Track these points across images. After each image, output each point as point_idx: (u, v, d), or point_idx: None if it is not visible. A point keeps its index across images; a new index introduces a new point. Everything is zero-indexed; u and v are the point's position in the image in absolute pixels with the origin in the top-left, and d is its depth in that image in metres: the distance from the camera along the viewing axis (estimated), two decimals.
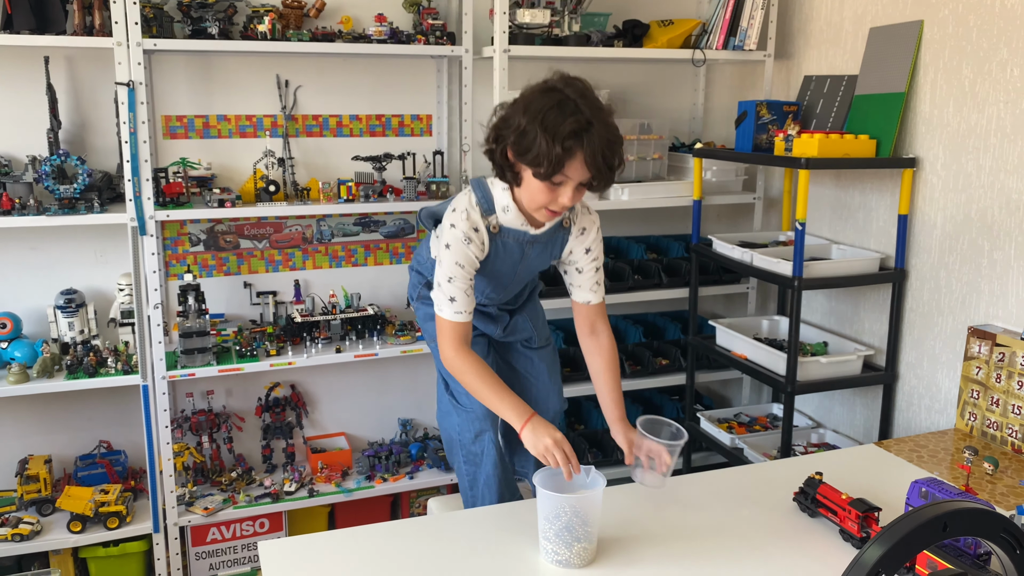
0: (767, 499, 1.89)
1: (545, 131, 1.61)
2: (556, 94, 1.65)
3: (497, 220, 1.80)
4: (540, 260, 1.92)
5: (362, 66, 3.03)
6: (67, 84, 2.72)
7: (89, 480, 2.82)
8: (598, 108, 1.65)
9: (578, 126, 1.60)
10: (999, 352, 2.25)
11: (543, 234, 1.85)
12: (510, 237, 1.83)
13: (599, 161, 1.63)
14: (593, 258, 1.91)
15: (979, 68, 2.38)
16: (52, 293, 2.78)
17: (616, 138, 1.66)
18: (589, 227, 1.90)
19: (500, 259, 1.86)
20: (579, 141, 1.61)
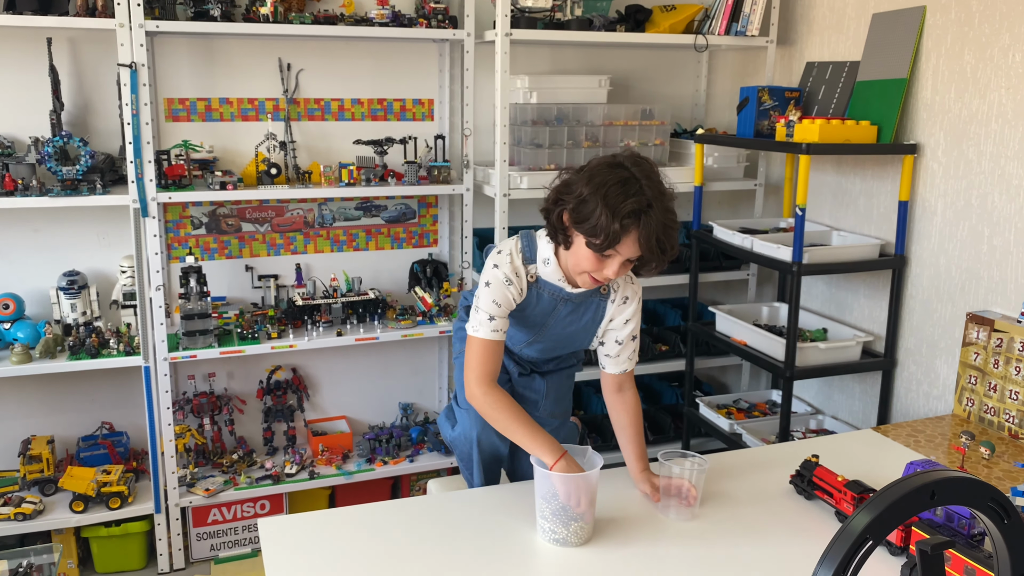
0: (764, 481, 1.90)
1: (606, 205, 1.62)
2: (622, 171, 1.66)
3: (536, 271, 1.83)
4: (571, 322, 1.88)
5: (364, 50, 3.03)
6: (70, 66, 2.73)
7: (91, 461, 2.84)
8: (660, 192, 1.65)
9: (638, 207, 1.61)
10: (997, 338, 2.25)
11: (577, 295, 1.84)
12: (545, 290, 1.84)
13: (652, 243, 1.64)
14: (631, 330, 1.88)
15: (981, 54, 2.38)
16: (55, 275, 2.79)
17: (673, 224, 1.66)
18: (631, 297, 1.87)
19: (531, 309, 1.86)
20: (637, 221, 1.62)
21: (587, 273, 1.74)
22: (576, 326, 1.88)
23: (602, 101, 3.12)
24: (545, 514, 1.61)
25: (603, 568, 1.54)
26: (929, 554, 0.77)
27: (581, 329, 1.89)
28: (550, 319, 1.88)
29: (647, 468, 1.86)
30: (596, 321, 1.89)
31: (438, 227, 3.29)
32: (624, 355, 1.91)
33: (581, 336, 1.91)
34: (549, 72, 3.24)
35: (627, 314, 1.87)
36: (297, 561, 1.55)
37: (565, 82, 3.09)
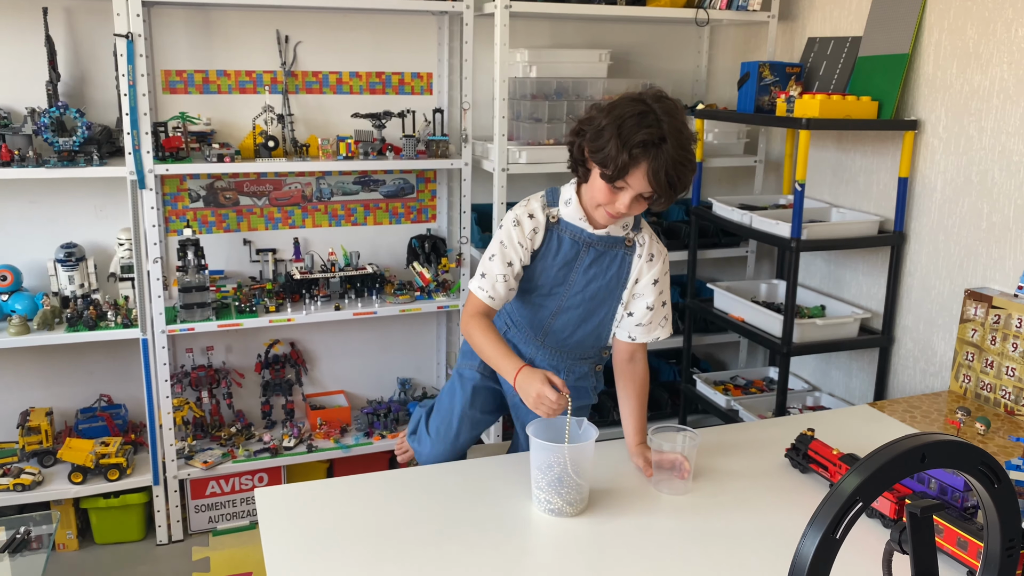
0: (760, 455, 1.91)
1: (619, 136, 1.62)
2: (643, 105, 1.65)
3: (558, 212, 1.82)
4: (595, 275, 1.84)
5: (362, 22, 3.01)
6: (66, 36, 2.71)
7: (90, 433, 2.85)
8: (678, 129, 1.64)
9: (650, 138, 1.60)
10: (995, 314, 2.25)
11: (601, 238, 1.81)
12: (567, 232, 1.81)
13: (661, 177, 1.62)
14: (660, 291, 1.86)
15: (984, 28, 2.36)
16: (52, 247, 2.79)
17: (686, 162, 1.65)
18: (657, 256, 1.85)
19: (554, 255, 1.82)
20: (647, 153, 1.61)
21: (602, 207, 1.73)
22: (601, 281, 1.84)
23: (602, 76, 3.10)
24: (541, 484, 1.62)
25: (597, 539, 1.55)
26: (918, 517, 0.77)
27: (606, 287, 1.85)
28: (573, 270, 1.83)
29: (643, 442, 1.86)
30: (621, 279, 1.85)
31: (437, 202, 3.28)
32: (656, 319, 1.87)
33: (607, 298, 1.87)
34: (549, 46, 3.22)
35: (655, 273, 1.84)
36: (293, 530, 1.55)
37: (565, 56, 3.07)
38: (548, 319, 1.89)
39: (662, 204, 1.72)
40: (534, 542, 1.54)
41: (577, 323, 1.89)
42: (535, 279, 1.85)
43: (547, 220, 1.81)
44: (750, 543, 1.54)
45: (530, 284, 1.86)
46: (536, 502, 1.64)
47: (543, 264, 1.84)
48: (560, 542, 1.54)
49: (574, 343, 1.92)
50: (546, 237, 1.82)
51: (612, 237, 1.82)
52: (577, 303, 1.87)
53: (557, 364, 1.93)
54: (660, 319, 1.88)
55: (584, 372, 1.98)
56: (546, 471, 1.61)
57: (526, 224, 1.80)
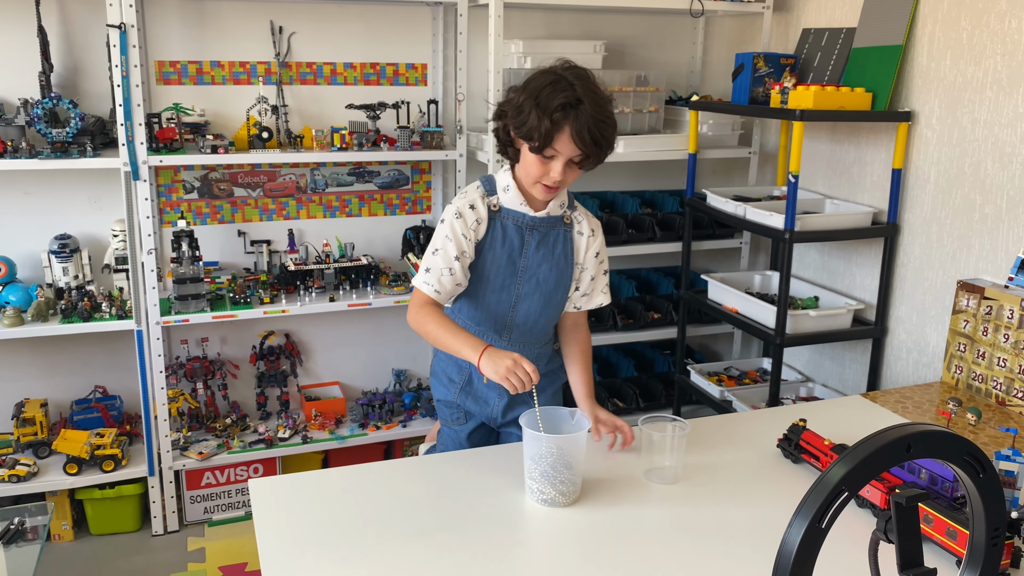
0: (752, 445, 1.92)
1: (538, 105, 1.68)
2: (554, 75, 1.72)
3: (498, 200, 1.85)
4: (544, 258, 1.87)
5: (357, 13, 3.00)
6: (58, 26, 2.70)
7: (85, 424, 2.85)
8: (592, 90, 1.71)
9: (567, 101, 1.67)
10: (987, 305, 2.26)
11: (542, 220, 1.85)
12: (510, 219, 1.85)
13: (586, 136, 1.68)
14: (601, 261, 1.95)
15: (977, 20, 2.36)
16: (46, 238, 2.78)
17: (606, 118, 1.71)
18: (597, 229, 1.93)
19: (500, 244, 1.85)
20: (567, 115, 1.67)
21: (539, 183, 1.78)
22: (550, 262, 1.88)
23: (597, 67, 3.10)
24: (534, 475, 1.63)
25: (589, 529, 1.55)
26: (904, 506, 0.78)
27: (555, 267, 1.88)
28: (522, 256, 1.87)
29: (591, 395, 1.95)
30: (568, 257, 1.90)
31: (431, 193, 3.28)
32: (597, 288, 1.97)
33: (560, 278, 1.90)
34: (543, 37, 3.21)
35: (596, 246, 1.93)
36: (287, 521, 1.56)
37: (559, 47, 3.06)
38: (509, 312, 1.91)
39: (591, 164, 1.77)
40: (527, 533, 1.55)
41: (539, 310, 1.92)
42: (486, 273, 1.87)
43: (488, 210, 1.84)
44: (741, 533, 1.55)
45: (482, 281, 1.88)
46: (529, 492, 1.65)
47: (491, 255, 1.86)
48: (553, 532, 1.55)
49: (539, 330, 1.96)
50: (489, 227, 1.85)
51: (552, 217, 1.87)
52: (532, 289, 1.90)
53: (526, 355, 1.94)
54: (602, 287, 1.98)
55: (548, 357, 2.04)
56: (539, 461, 1.62)
57: (468, 216, 1.83)
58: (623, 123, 3.11)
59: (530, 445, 1.63)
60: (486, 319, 1.92)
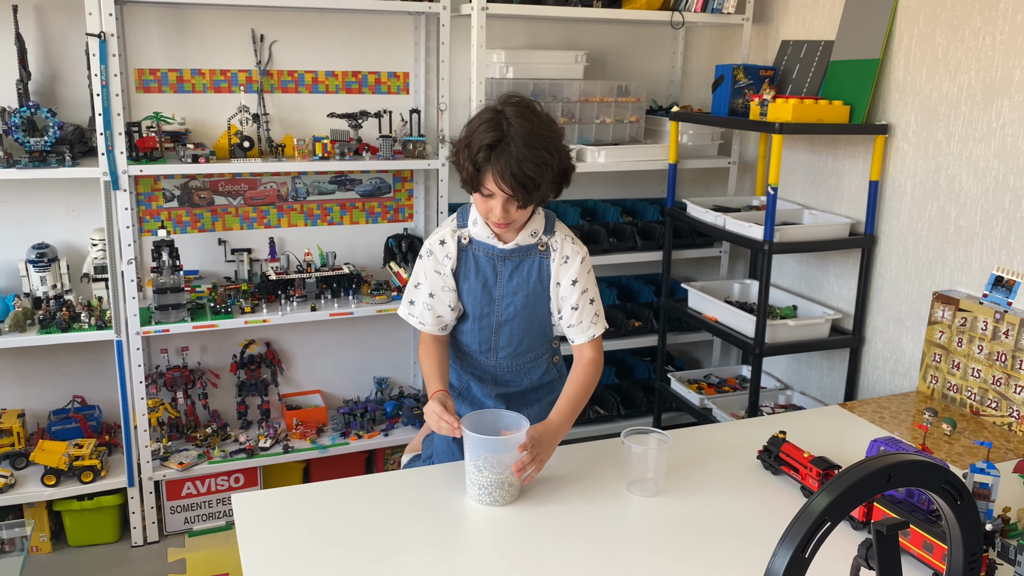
0: (732, 456, 1.94)
1: (467, 147, 1.69)
2: (493, 112, 1.71)
3: (468, 233, 1.86)
4: (519, 286, 1.87)
5: (339, 21, 3.00)
6: (36, 34, 2.67)
7: (63, 435, 2.82)
8: (527, 129, 1.67)
9: (492, 141, 1.65)
10: (961, 317, 2.30)
11: (512, 251, 1.85)
12: (480, 251, 1.85)
13: (508, 178, 1.66)
14: (583, 290, 1.87)
15: (952, 35, 2.41)
16: (24, 247, 2.75)
17: (535, 158, 1.67)
18: (572, 257, 1.86)
19: (473, 275, 1.86)
20: (489, 157, 1.66)
21: (486, 219, 1.78)
22: (526, 289, 1.87)
23: (578, 77, 3.12)
24: (472, 475, 1.67)
25: (570, 541, 1.56)
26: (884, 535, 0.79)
27: (532, 293, 1.87)
28: (496, 285, 1.87)
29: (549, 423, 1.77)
30: (544, 283, 1.87)
31: (413, 201, 3.28)
32: (586, 319, 1.88)
33: (538, 307, 1.89)
34: (525, 47, 3.22)
35: (572, 274, 1.85)
36: (270, 537, 1.56)
37: (541, 57, 3.08)
38: (492, 337, 1.93)
39: (530, 201, 1.74)
40: (509, 547, 1.56)
41: (521, 333, 1.92)
42: (465, 302, 1.89)
43: (459, 243, 1.85)
44: (723, 546, 1.57)
45: (464, 309, 1.91)
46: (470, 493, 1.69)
47: (466, 285, 1.87)
48: (534, 545, 1.56)
49: (525, 348, 1.96)
50: (461, 259, 1.86)
51: (523, 247, 1.85)
52: (512, 315, 1.90)
53: (518, 370, 1.97)
54: (590, 317, 1.89)
55: (544, 369, 2.02)
56: (475, 460, 1.65)
57: (438, 252, 1.86)
58: (603, 133, 3.13)
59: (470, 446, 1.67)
60: (472, 342, 1.94)
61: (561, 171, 1.77)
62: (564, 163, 1.77)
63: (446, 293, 1.87)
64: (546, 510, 1.68)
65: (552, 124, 1.73)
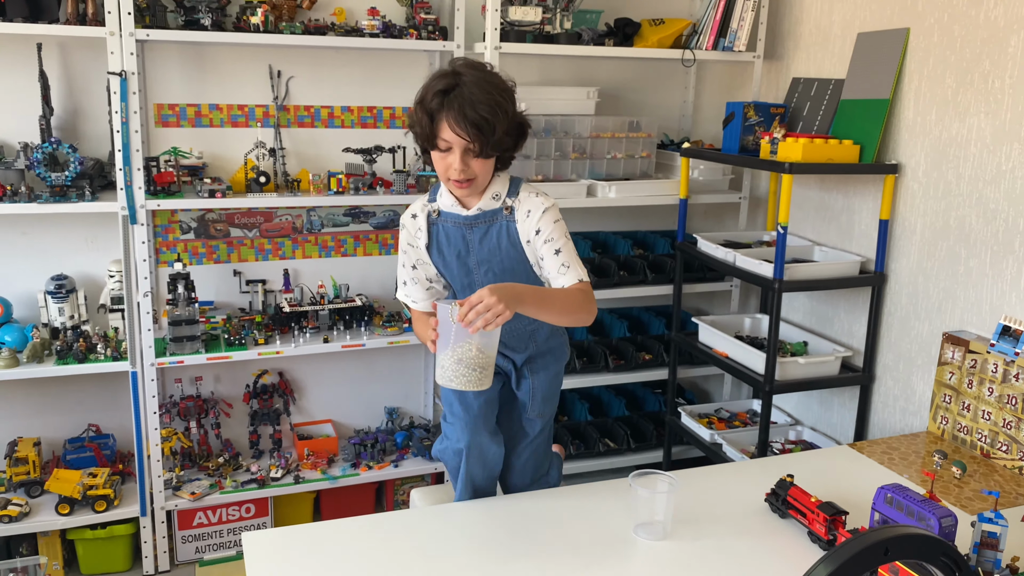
0: (740, 499, 1.94)
1: (420, 101, 1.72)
2: (443, 70, 1.75)
3: (437, 206, 1.88)
4: (493, 252, 1.86)
5: (355, 58, 3.05)
6: (60, 71, 2.73)
7: (77, 463, 2.86)
8: (478, 76, 1.70)
9: (444, 87, 1.68)
10: (971, 358, 2.30)
11: (476, 217, 1.84)
12: (449, 221, 1.87)
13: (463, 123, 1.67)
14: (546, 239, 1.81)
15: (962, 78, 2.42)
16: (43, 278, 2.80)
17: (488, 98, 1.67)
18: (535, 209, 1.82)
19: (446, 247, 1.88)
20: (442, 102, 1.68)
21: (450, 180, 1.78)
22: (500, 255, 1.86)
23: (590, 113, 3.15)
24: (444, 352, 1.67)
25: None
26: None
27: (508, 257, 1.86)
28: (471, 254, 1.87)
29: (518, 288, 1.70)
30: (516, 246, 1.85)
31: None
32: (553, 269, 1.82)
33: (518, 270, 1.88)
34: (538, 83, 3.26)
35: (535, 224, 1.82)
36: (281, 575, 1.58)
37: (553, 93, 3.12)
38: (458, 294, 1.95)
39: (485, 150, 1.72)
40: None
41: None
42: (446, 277, 1.92)
43: (428, 217, 1.88)
44: None
45: (452, 286, 1.94)
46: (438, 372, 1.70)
47: (441, 260, 1.90)
48: None
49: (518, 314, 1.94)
50: (432, 233, 1.88)
51: (487, 212, 1.85)
52: (493, 281, 1.84)
53: (520, 334, 1.96)
54: (557, 267, 1.82)
55: (547, 333, 2.01)
56: (444, 334, 1.66)
57: (409, 226, 1.90)
58: (615, 168, 3.16)
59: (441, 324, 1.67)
60: None
61: (516, 124, 1.78)
62: (518, 116, 1.78)
63: (424, 267, 1.92)
64: (552, 551, 1.69)
65: (501, 77, 1.76)
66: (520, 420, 2.07)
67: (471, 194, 1.84)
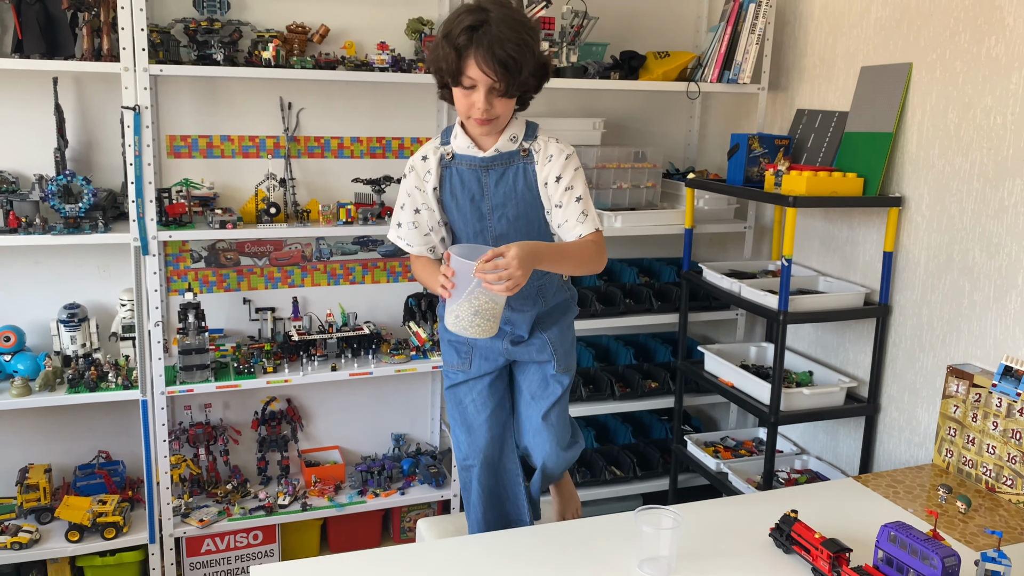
0: (744, 533, 1.96)
1: (445, 37, 1.71)
2: (467, 5, 1.74)
3: (451, 149, 1.88)
4: (508, 196, 1.86)
5: (364, 90, 3.09)
6: (75, 104, 2.78)
7: (88, 490, 2.88)
8: (505, 14, 1.70)
9: (472, 23, 1.68)
10: (976, 392, 2.31)
11: (493, 158, 1.85)
12: (464, 163, 1.87)
13: (491, 60, 1.67)
14: (567, 186, 1.83)
15: (964, 113, 2.44)
16: (55, 307, 2.84)
17: (516, 36, 1.68)
18: (556, 155, 1.84)
19: (460, 191, 1.88)
20: (470, 38, 1.68)
21: (471, 119, 1.78)
22: (514, 200, 1.86)
23: (596, 143, 3.18)
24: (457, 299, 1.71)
25: None
26: None
27: (523, 201, 1.86)
28: (485, 198, 1.87)
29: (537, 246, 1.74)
30: (532, 189, 1.86)
31: None
32: (572, 216, 1.85)
33: (532, 216, 1.88)
34: (545, 114, 3.29)
35: (556, 170, 1.84)
36: None
37: (560, 124, 3.15)
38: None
39: (510, 88, 1.73)
40: None
41: None
42: (457, 222, 1.92)
43: (441, 159, 1.88)
44: None
45: (457, 230, 1.93)
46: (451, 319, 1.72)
47: (454, 204, 1.89)
48: None
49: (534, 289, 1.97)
50: (445, 176, 1.88)
51: (504, 153, 1.85)
52: (506, 228, 1.89)
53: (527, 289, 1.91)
54: (576, 215, 1.85)
55: (555, 288, 2.01)
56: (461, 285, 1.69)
57: (419, 168, 1.90)
58: (620, 198, 3.18)
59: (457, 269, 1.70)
60: None
61: (540, 64, 1.79)
62: (542, 56, 1.80)
63: (428, 212, 1.91)
64: None
65: (527, 16, 1.78)
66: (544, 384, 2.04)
67: (491, 132, 1.84)
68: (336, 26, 2.98)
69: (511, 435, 2.13)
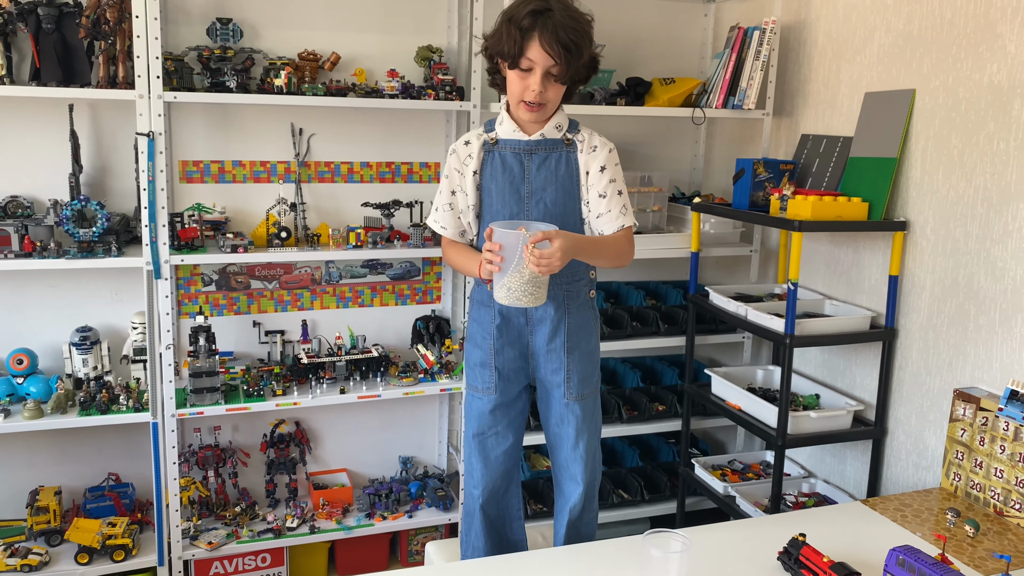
0: (752, 557, 1.96)
1: (509, 20, 1.81)
2: None
3: (495, 134, 1.96)
4: (548, 180, 1.93)
5: (374, 116, 3.14)
6: (89, 129, 2.83)
7: (97, 512, 2.89)
8: (563, 4, 1.82)
9: (536, 8, 1.78)
10: (983, 416, 2.32)
11: (538, 143, 1.94)
12: (507, 148, 1.95)
13: (554, 43, 1.77)
14: (611, 178, 1.96)
15: (967, 139, 2.47)
16: (68, 329, 2.87)
17: (576, 25, 1.81)
18: (601, 146, 1.97)
19: (500, 174, 1.94)
20: (535, 22, 1.78)
21: (522, 103, 1.87)
22: (555, 185, 1.93)
23: None
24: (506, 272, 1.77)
25: None
26: None
27: (561, 188, 1.94)
28: (524, 182, 1.93)
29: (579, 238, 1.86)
30: (573, 177, 1.95)
31: (441, 284, 3.37)
32: (615, 208, 1.96)
33: (569, 206, 1.96)
34: None
35: (600, 161, 1.95)
36: None
37: None
38: None
39: (569, 75, 1.84)
40: None
41: None
42: (494, 205, 1.96)
43: (484, 143, 1.95)
44: None
45: (492, 213, 1.97)
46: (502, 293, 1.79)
47: (494, 186, 1.95)
48: None
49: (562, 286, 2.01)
50: (487, 159, 1.95)
51: (549, 140, 1.94)
52: (541, 213, 1.95)
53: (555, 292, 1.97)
54: (619, 207, 1.97)
55: (581, 299, 2.04)
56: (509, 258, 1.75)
57: (460, 151, 1.98)
58: None
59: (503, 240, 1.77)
60: None
61: (592, 56, 1.89)
62: (594, 51, 1.90)
63: (462, 195, 1.97)
64: None
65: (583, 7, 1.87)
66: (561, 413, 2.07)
67: (538, 119, 1.92)
68: (347, 54, 3.03)
69: (519, 469, 2.19)
